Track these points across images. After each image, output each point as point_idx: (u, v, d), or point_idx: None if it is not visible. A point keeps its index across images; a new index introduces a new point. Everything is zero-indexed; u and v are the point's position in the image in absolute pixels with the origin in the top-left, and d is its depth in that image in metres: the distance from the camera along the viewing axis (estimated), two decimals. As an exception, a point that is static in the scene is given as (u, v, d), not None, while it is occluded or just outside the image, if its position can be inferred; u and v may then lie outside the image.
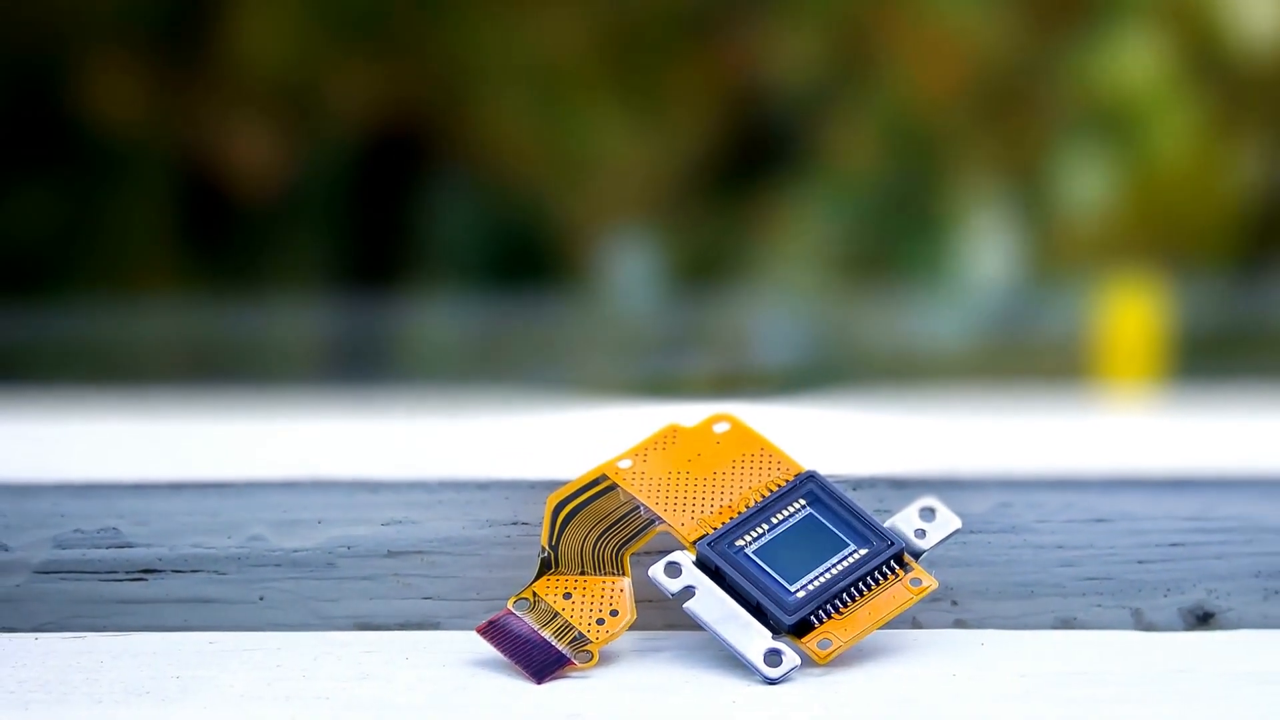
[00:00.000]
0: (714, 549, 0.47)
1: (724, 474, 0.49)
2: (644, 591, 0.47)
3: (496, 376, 1.37)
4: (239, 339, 1.41)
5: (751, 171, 1.42)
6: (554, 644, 0.46)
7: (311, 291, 1.42)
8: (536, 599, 0.47)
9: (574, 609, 0.47)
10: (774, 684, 0.45)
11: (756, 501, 0.48)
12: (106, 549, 0.50)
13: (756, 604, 0.46)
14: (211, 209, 1.42)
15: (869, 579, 0.47)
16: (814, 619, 0.46)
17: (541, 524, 0.48)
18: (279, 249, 1.43)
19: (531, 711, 0.43)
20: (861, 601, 0.46)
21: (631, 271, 1.42)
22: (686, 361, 1.41)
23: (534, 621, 0.46)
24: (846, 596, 0.46)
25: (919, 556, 0.47)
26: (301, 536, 0.50)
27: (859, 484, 0.50)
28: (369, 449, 0.56)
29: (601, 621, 0.47)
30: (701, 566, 0.47)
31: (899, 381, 1.33)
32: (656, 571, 0.47)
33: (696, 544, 0.47)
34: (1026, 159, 1.42)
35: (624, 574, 0.47)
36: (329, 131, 1.43)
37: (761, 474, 0.49)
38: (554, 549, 0.48)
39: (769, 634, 0.46)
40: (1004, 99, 1.42)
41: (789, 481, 0.48)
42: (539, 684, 0.45)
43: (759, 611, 0.46)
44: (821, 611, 0.46)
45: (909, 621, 0.50)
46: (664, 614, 0.48)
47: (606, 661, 0.47)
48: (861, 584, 0.47)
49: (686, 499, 0.48)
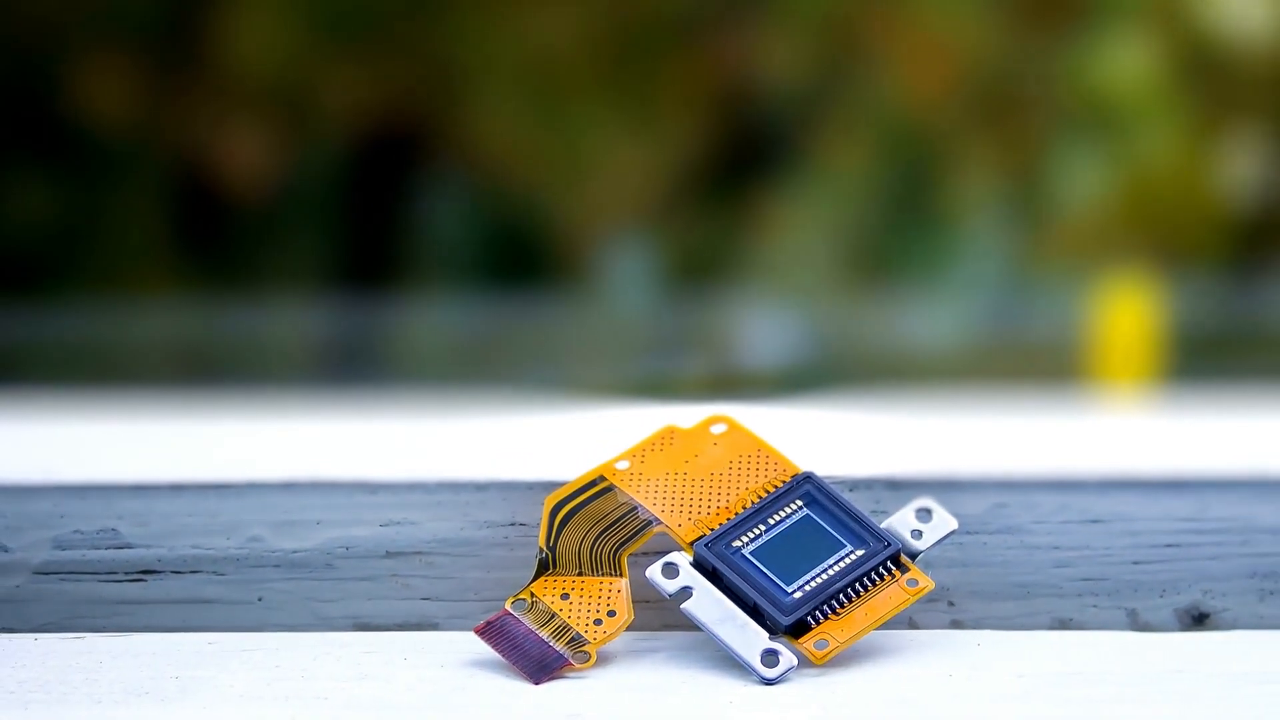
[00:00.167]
0: (711, 550, 0.47)
1: (721, 475, 0.49)
2: (641, 592, 0.47)
3: (493, 377, 1.37)
4: (235, 339, 1.41)
5: (746, 173, 1.42)
6: (552, 644, 0.46)
7: (308, 292, 1.42)
8: (534, 600, 0.47)
9: (572, 610, 0.47)
10: (771, 684, 0.45)
11: (753, 502, 0.48)
12: (106, 550, 0.50)
13: (753, 605, 0.46)
14: (207, 209, 1.42)
15: (866, 580, 0.47)
16: (811, 620, 0.46)
17: (539, 525, 0.48)
18: (275, 249, 1.43)
19: (529, 712, 0.44)
20: (858, 602, 0.47)
21: (627, 272, 1.42)
22: (682, 362, 1.41)
23: (532, 622, 0.46)
24: (843, 597, 0.46)
25: (915, 557, 0.47)
26: (300, 537, 0.50)
27: (855, 485, 0.50)
28: (367, 450, 0.56)
29: (599, 622, 0.47)
30: (699, 567, 0.47)
31: (895, 382, 1.33)
32: (654, 572, 0.47)
33: (694, 545, 0.47)
34: (1020, 160, 1.42)
35: (621, 575, 0.47)
36: (324, 132, 1.43)
37: (758, 475, 0.49)
38: (552, 550, 0.48)
39: (766, 634, 0.46)
40: (996, 100, 1.42)
41: (786, 482, 0.48)
42: (537, 684, 0.45)
43: (756, 612, 0.46)
44: (818, 612, 0.46)
45: (905, 622, 0.50)
46: (661, 614, 0.48)
47: (604, 662, 0.47)
48: (858, 585, 0.47)
49: (684, 500, 0.48)
